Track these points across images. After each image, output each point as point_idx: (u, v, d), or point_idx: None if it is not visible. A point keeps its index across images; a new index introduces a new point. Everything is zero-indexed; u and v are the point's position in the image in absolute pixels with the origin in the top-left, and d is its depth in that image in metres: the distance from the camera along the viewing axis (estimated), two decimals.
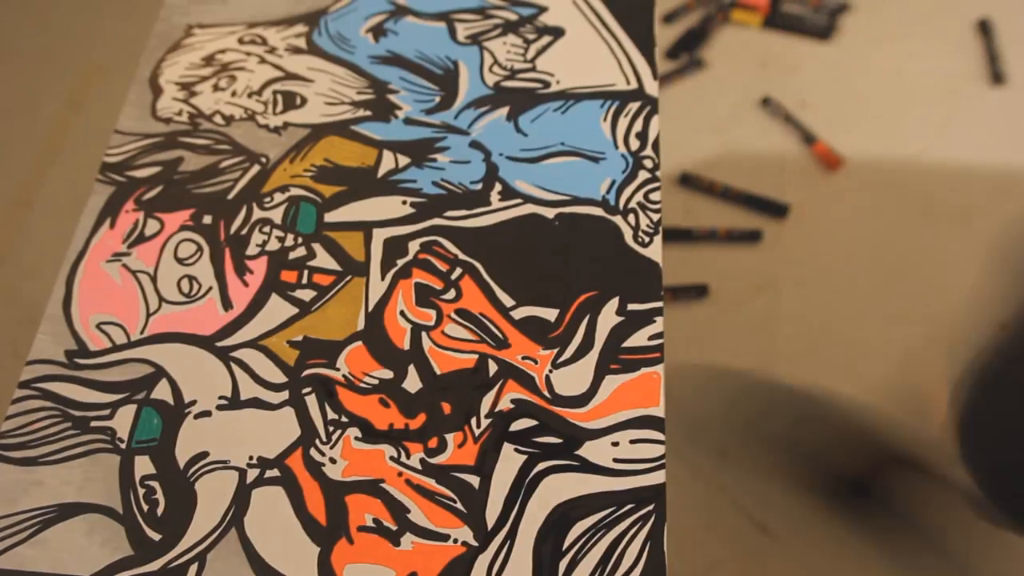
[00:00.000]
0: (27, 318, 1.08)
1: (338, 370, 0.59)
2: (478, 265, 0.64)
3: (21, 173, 1.24)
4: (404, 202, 0.67)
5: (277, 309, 0.62)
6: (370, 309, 0.62)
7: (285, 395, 0.59)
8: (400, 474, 0.55)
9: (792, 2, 1.68)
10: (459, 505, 0.54)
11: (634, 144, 0.69)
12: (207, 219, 0.66)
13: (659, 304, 0.61)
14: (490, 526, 0.54)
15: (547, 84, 0.73)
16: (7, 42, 1.41)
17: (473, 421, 0.57)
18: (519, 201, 0.67)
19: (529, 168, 0.68)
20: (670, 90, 1.58)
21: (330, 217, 0.66)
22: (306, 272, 0.64)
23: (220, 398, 0.59)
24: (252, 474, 0.56)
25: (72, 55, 1.38)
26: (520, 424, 0.57)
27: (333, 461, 0.56)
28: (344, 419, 0.57)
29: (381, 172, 0.68)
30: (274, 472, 0.56)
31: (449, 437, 0.57)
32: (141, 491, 0.56)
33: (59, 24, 1.42)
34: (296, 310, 0.62)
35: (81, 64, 1.35)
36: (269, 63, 0.76)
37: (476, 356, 0.60)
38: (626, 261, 0.63)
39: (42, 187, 1.23)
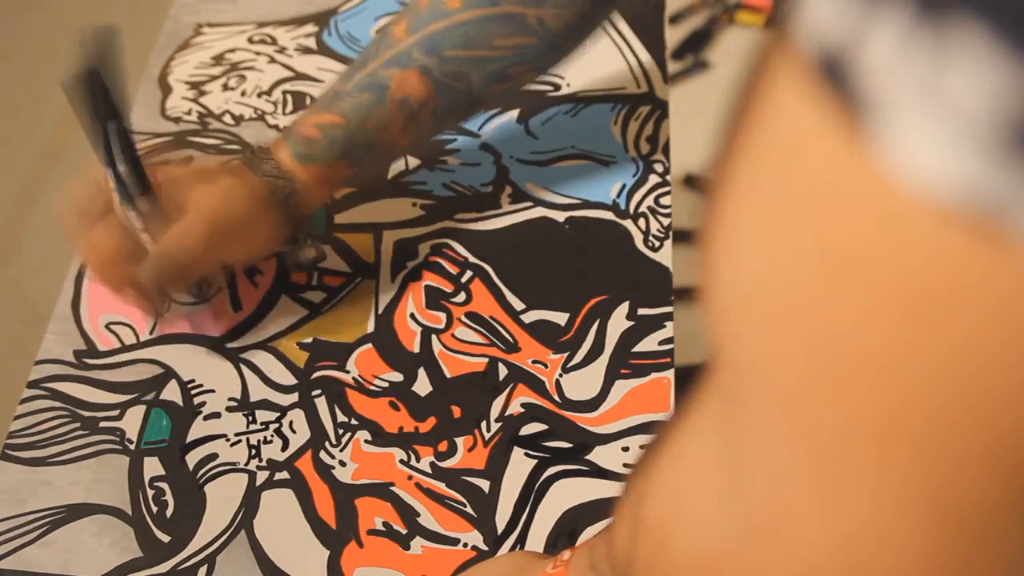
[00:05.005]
0: (32, 316, 1.08)
1: (348, 372, 0.59)
2: (488, 268, 0.63)
3: (26, 171, 1.24)
4: (414, 204, 0.67)
5: (287, 310, 0.62)
6: (380, 311, 0.62)
7: (295, 397, 0.58)
8: (410, 477, 0.55)
9: None
10: (469, 509, 0.54)
11: (644, 148, 0.69)
12: None
13: (669, 309, 0.61)
14: (500, 530, 0.54)
15: (557, 87, 0.72)
16: (12, 39, 1.40)
17: (483, 425, 0.57)
18: (529, 204, 0.66)
19: (540, 171, 0.68)
20: (675, 91, 1.58)
21: (340, 219, 0.66)
22: (315, 273, 0.64)
23: (229, 399, 0.59)
24: (261, 476, 0.56)
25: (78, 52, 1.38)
26: (530, 428, 0.57)
27: (343, 464, 0.56)
28: (354, 422, 0.57)
29: (391, 174, 0.68)
30: (284, 474, 0.56)
31: (459, 441, 0.57)
32: (150, 492, 0.55)
33: (65, 21, 1.42)
34: (306, 311, 0.62)
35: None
36: (279, 63, 0.76)
37: (486, 360, 0.60)
38: (636, 265, 0.63)
39: (47, 185, 1.23)
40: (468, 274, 0.63)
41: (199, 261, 0.53)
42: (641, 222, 0.65)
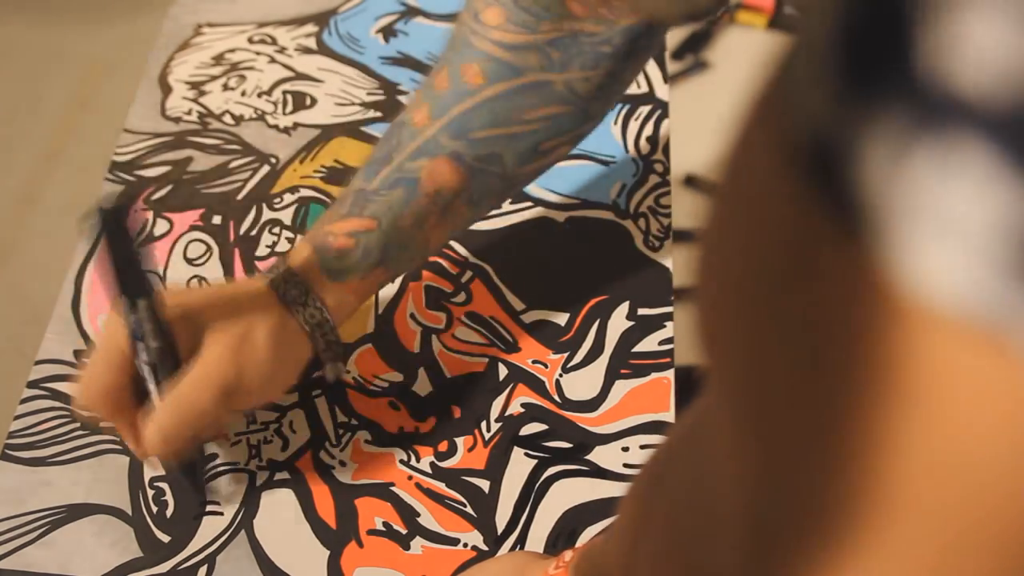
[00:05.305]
0: (32, 317, 1.08)
1: (348, 372, 0.59)
2: (488, 268, 0.63)
3: (26, 171, 1.24)
4: None
5: None
6: (380, 311, 0.62)
7: (294, 397, 0.58)
8: (410, 477, 0.55)
9: None
10: (469, 509, 0.54)
11: (644, 148, 0.69)
12: (216, 219, 0.66)
13: (669, 309, 0.61)
14: (500, 530, 0.54)
15: None
16: (12, 39, 1.40)
17: (483, 425, 0.57)
18: (529, 204, 0.66)
19: None
20: (675, 91, 1.58)
21: None
22: None
23: None
24: (262, 476, 0.56)
25: (78, 52, 1.37)
26: (530, 428, 0.57)
27: (343, 464, 0.56)
28: (354, 422, 0.57)
29: None
30: (284, 474, 0.56)
31: (459, 441, 0.57)
32: (150, 492, 0.55)
33: (65, 21, 1.42)
34: None
35: (87, 61, 1.35)
36: (279, 63, 0.76)
37: (486, 359, 0.60)
38: (636, 265, 0.63)
39: (47, 185, 1.23)
40: (468, 274, 0.63)
41: (208, 419, 0.48)
42: (641, 222, 0.65)
